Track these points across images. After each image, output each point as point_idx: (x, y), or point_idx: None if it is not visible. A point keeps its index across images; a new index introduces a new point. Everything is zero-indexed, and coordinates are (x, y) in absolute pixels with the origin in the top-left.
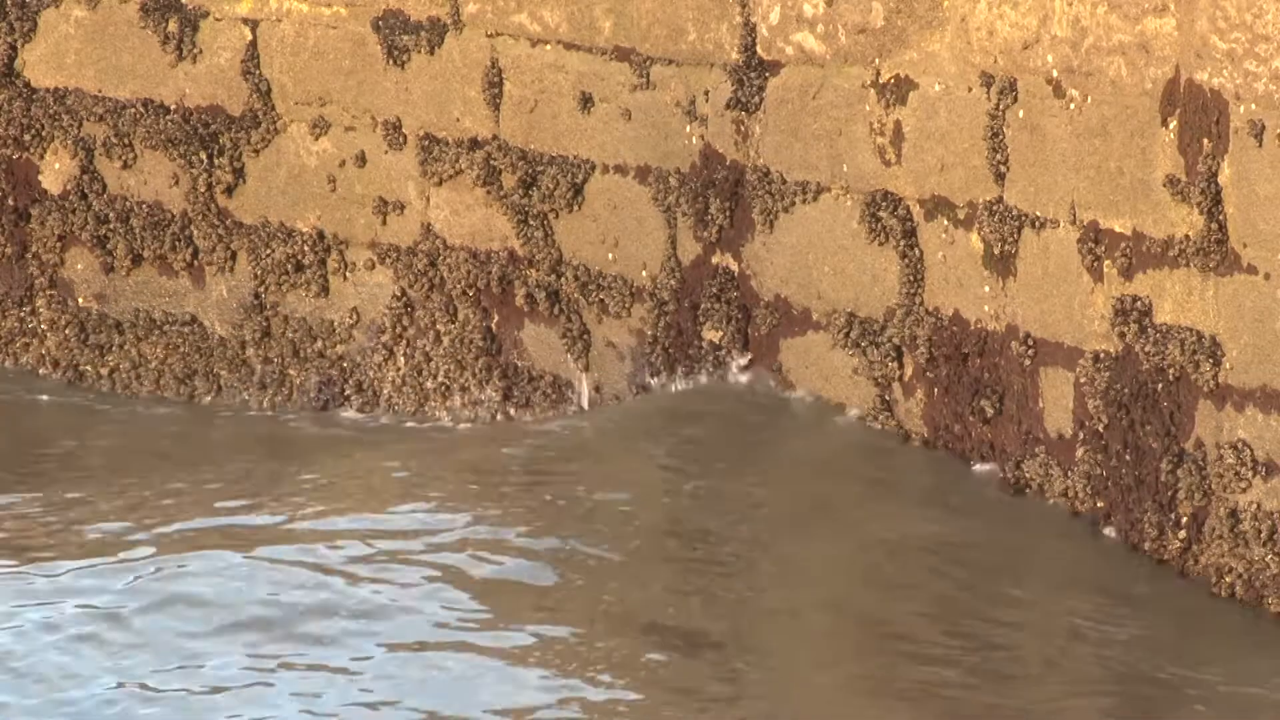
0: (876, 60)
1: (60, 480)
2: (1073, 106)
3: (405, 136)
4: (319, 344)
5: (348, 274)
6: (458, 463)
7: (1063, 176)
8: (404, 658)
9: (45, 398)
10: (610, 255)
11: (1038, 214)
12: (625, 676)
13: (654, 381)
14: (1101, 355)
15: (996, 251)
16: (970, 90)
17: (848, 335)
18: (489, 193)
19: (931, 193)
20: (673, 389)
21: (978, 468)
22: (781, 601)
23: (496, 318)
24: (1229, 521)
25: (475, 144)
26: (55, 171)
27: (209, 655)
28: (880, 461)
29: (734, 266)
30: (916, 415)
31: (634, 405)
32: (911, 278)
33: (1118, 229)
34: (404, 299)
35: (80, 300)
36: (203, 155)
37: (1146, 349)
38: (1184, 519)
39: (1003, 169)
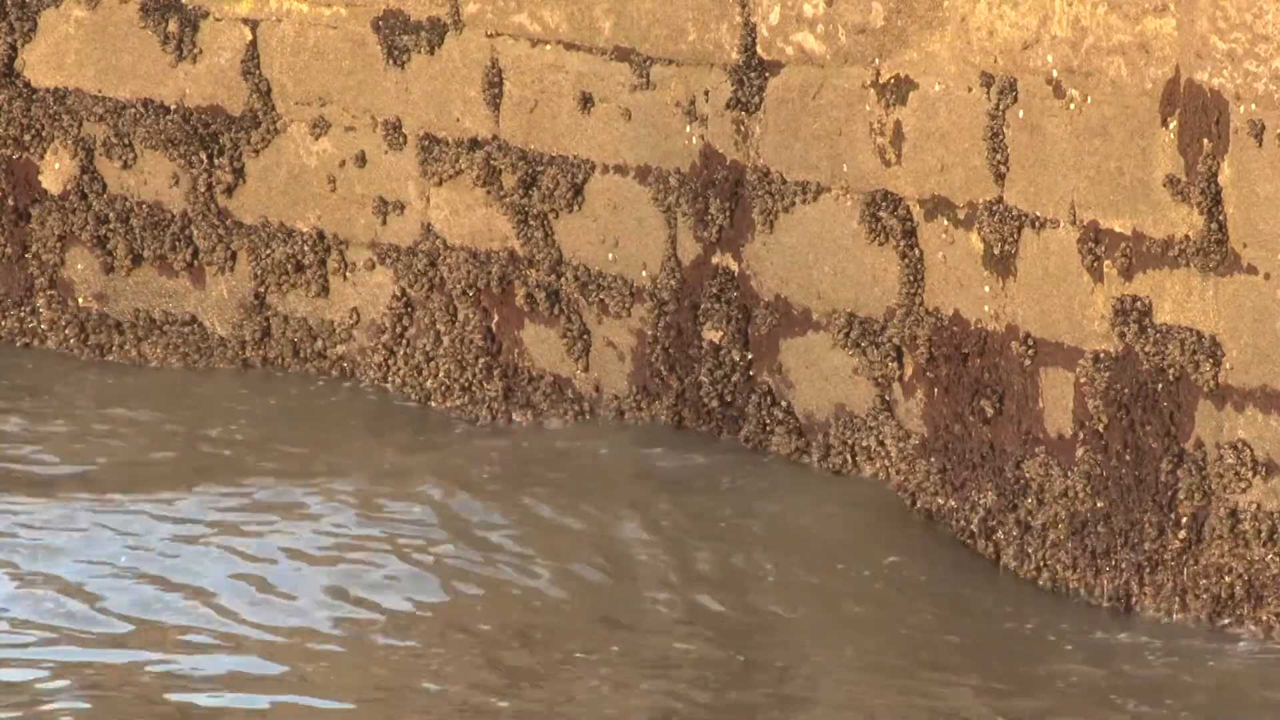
0: (876, 60)
1: None
2: (1073, 106)
3: (405, 136)
4: (319, 344)
5: (348, 274)
6: None
7: (1063, 176)
8: None
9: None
10: (610, 255)
11: (1038, 214)
12: None
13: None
14: (1101, 355)
15: (996, 251)
16: (970, 90)
17: (848, 335)
18: (489, 193)
19: (931, 193)
20: None
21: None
22: None
23: (496, 318)
24: (1229, 521)
25: (475, 144)
26: (55, 171)
27: None
28: None
29: (734, 266)
30: (916, 415)
31: None
32: (911, 278)
33: (1118, 229)
34: (404, 299)
35: (80, 300)
36: (203, 155)
37: (1146, 349)
38: (1184, 519)
39: (1003, 169)
